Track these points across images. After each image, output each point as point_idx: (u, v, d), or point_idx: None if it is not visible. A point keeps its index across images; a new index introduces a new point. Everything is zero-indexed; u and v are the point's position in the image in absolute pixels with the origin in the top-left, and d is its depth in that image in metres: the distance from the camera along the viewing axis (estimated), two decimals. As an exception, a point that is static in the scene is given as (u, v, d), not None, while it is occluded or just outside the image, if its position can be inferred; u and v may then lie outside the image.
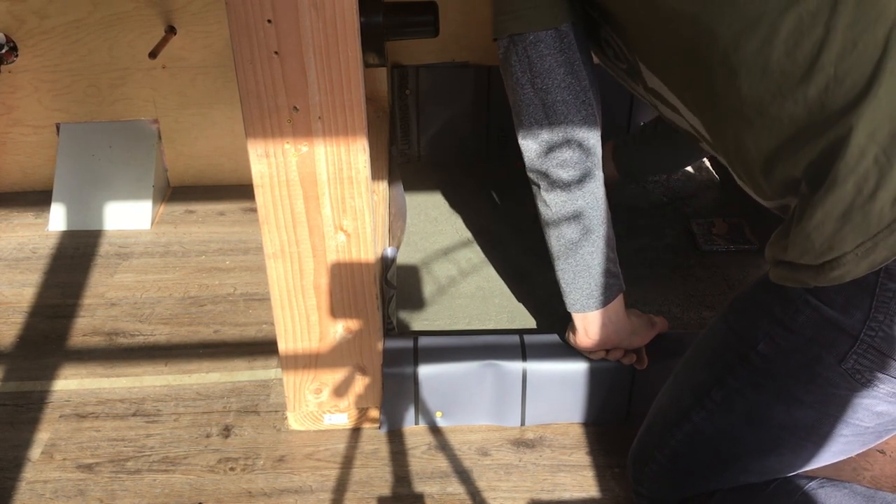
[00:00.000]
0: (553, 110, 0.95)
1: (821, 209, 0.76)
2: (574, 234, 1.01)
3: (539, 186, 1.00)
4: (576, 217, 1.00)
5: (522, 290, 1.31)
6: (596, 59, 1.03)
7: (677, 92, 0.91)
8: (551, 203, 1.00)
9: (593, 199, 0.99)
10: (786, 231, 0.83)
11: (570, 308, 1.06)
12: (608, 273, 1.04)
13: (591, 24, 0.99)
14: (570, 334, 1.10)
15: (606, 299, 1.04)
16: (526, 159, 1.00)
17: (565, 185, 0.98)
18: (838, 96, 0.75)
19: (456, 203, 1.54)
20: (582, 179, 0.98)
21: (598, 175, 0.99)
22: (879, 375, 0.79)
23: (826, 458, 0.89)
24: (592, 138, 0.97)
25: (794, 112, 0.78)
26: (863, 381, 0.80)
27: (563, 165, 0.97)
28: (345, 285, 1.02)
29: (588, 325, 1.06)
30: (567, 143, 0.95)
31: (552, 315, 1.23)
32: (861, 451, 0.89)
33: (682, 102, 0.92)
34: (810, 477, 0.90)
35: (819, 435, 0.85)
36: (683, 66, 0.88)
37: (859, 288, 0.77)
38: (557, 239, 1.02)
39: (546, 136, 0.95)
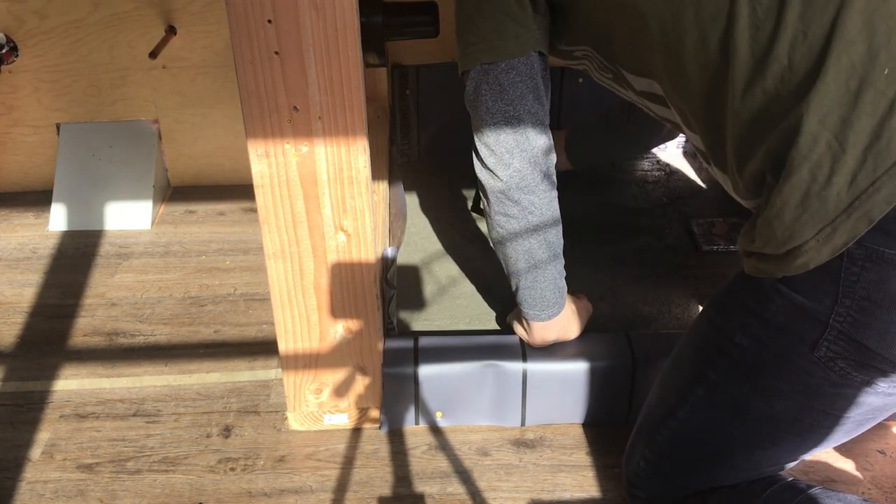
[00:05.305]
0: (524, 136, 0.98)
1: (779, 198, 0.77)
2: (541, 252, 1.04)
3: (505, 207, 1.02)
4: (538, 234, 1.02)
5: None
6: (582, 67, 1.08)
7: (664, 90, 0.93)
8: (512, 224, 1.02)
9: (552, 215, 1.03)
10: (753, 222, 0.83)
11: (532, 320, 1.09)
12: (562, 278, 1.08)
13: (567, 49, 1.04)
14: (524, 333, 1.12)
15: (562, 303, 1.09)
16: (490, 183, 1.01)
17: (528, 208, 1.01)
18: (792, 85, 0.76)
19: (456, 203, 1.54)
20: (544, 198, 1.01)
21: (555, 193, 1.03)
22: (852, 363, 0.79)
23: (812, 450, 0.89)
24: (551, 162, 1.01)
25: (754, 104, 0.79)
26: (837, 370, 0.80)
27: (528, 189, 1.00)
28: (345, 285, 1.02)
29: (545, 332, 1.10)
30: (532, 166, 0.99)
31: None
32: (846, 439, 0.89)
33: (670, 103, 0.93)
34: (809, 484, 0.90)
35: (801, 427, 0.86)
36: (659, 61, 0.89)
37: (825, 274, 0.77)
38: (524, 255, 1.04)
39: (516, 163, 0.98)
